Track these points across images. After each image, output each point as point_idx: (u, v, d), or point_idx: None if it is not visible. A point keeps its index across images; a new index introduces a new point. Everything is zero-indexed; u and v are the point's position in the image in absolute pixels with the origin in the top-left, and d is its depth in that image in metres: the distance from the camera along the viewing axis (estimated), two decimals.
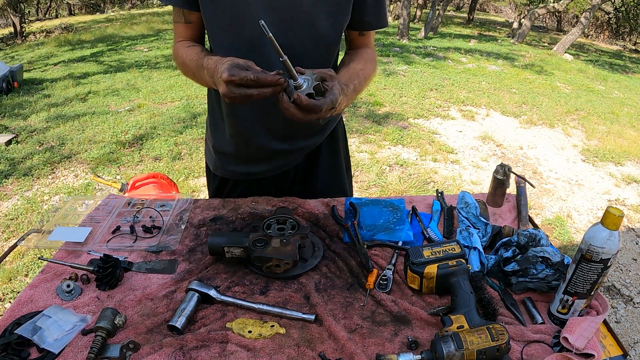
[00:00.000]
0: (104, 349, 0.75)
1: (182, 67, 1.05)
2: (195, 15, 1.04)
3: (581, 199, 3.57)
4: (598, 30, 16.99)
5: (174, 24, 1.10)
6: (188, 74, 1.04)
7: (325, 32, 1.01)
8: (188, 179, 3.53)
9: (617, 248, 0.76)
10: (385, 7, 1.12)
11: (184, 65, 1.02)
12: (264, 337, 0.81)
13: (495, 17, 22.04)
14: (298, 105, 0.78)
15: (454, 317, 0.79)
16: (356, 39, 1.15)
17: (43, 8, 16.95)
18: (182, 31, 1.08)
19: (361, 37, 1.14)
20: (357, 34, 1.13)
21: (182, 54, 1.03)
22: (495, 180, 1.24)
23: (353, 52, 1.14)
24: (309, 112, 0.79)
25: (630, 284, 2.61)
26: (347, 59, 1.11)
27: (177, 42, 1.09)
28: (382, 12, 1.11)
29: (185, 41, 1.08)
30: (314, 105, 0.78)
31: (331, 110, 0.82)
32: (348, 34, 1.15)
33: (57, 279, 0.96)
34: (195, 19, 1.06)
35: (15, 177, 3.50)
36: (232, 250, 0.97)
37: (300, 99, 0.77)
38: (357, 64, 1.06)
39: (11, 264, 2.52)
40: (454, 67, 7.73)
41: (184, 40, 1.08)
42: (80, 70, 6.99)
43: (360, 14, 1.06)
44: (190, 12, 1.04)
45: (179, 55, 1.05)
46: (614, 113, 5.83)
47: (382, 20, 1.12)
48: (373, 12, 1.08)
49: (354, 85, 0.96)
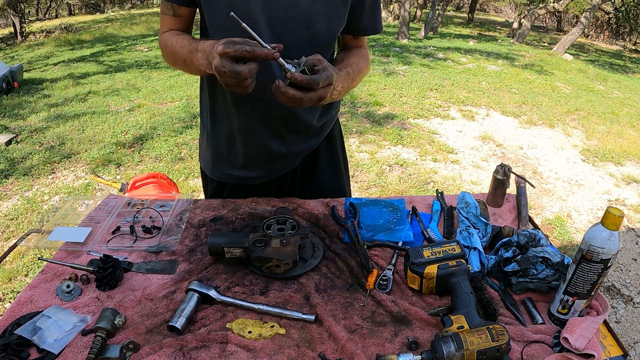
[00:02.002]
0: (103, 349, 0.75)
1: (171, 55, 1.03)
2: (184, 10, 1.05)
3: (581, 199, 3.57)
4: (598, 30, 16.99)
5: (162, 16, 1.09)
6: (177, 62, 1.02)
7: (321, 33, 1.02)
8: (188, 179, 3.53)
9: (617, 248, 0.76)
10: (381, 12, 1.14)
11: (174, 53, 1.01)
12: (264, 338, 0.81)
13: (495, 17, 22.05)
14: (294, 84, 0.78)
15: (454, 318, 0.79)
16: (350, 41, 1.16)
17: (43, 8, 16.95)
18: (170, 23, 1.07)
19: (355, 40, 1.16)
20: (352, 38, 1.15)
21: (172, 41, 1.01)
22: (495, 180, 1.24)
23: (346, 51, 1.16)
24: (307, 89, 0.79)
25: (630, 284, 2.61)
26: (339, 56, 1.13)
27: (164, 32, 1.08)
28: (378, 18, 1.12)
29: (174, 31, 1.07)
30: (310, 79, 0.78)
31: (328, 87, 0.82)
32: (342, 37, 1.16)
33: (57, 279, 0.95)
34: (184, 13, 1.05)
35: (15, 177, 3.50)
36: (232, 250, 0.97)
37: (294, 76, 0.77)
38: (350, 58, 1.08)
39: (11, 264, 2.51)
40: (453, 67, 7.73)
41: (172, 30, 1.07)
42: (80, 70, 6.99)
43: (357, 19, 1.07)
44: (179, 7, 1.04)
45: (168, 43, 1.03)
46: (614, 113, 5.83)
47: (378, 25, 1.13)
48: (369, 17, 1.10)
49: (347, 71, 0.98)
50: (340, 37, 1.16)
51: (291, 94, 0.79)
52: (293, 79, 0.78)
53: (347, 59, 1.07)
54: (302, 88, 0.80)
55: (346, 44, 1.18)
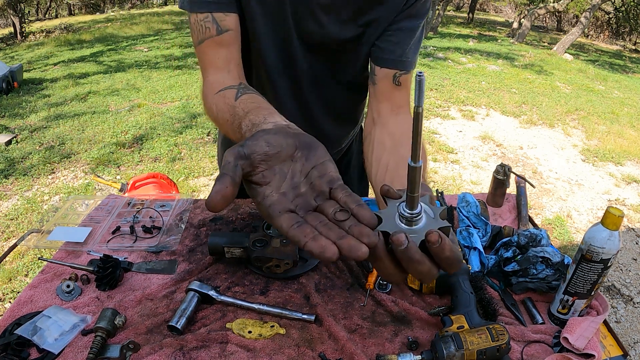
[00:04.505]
0: (103, 349, 0.75)
1: (215, 122, 0.75)
2: (232, 18, 0.78)
3: (581, 198, 3.57)
4: (598, 30, 16.99)
5: (199, 47, 0.78)
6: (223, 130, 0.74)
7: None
8: (188, 179, 3.53)
9: (618, 248, 0.76)
10: (411, 44, 0.87)
11: (217, 122, 0.73)
12: (264, 338, 0.81)
13: (495, 17, 22.04)
14: (440, 256, 0.40)
15: (454, 317, 0.79)
16: (387, 87, 0.87)
17: (43, 8, 16.94)
18: (214, 56, 0.78)
19: (396, 86, 0.87)
20: (391, 83, 0.86)
21: (212, 106, 0.73)
22: (495, 180, 1.24)
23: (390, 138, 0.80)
24: (452, 266, 0.41)
25: (630, 284, 2.61)
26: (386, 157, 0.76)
27: (207, 78, 0.78)
28: (404, 47, 0.85)
29: (217, 78, 0.76)
30: (458, 255, 0.41)
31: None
32: (375, 74, 0.88)
33: (57, 279, 0.95)
34: (232, 24, 0.78)
35: (15, 177, 3.50)
36: (232, 250, 0.97)
37: (443, 247, 0.39)
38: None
39: (11, 264, 2.51)
40: (453, 67, 7.73)
41: (217, 72, 0.78)
42: (80, 70, 6.99)
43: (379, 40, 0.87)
44: (226, 15, 0.77)
45: (210, 108, 0.74)
46: (614, 113, 5.83)
47: (401, 58, 0.86)
48: (389, 41, 0.85)
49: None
50: (372, 76, 0.90)
51: (427, 267, 0.41)
52: (438, 251, 0.39)
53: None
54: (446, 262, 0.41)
55: (380, 93, 0.88)
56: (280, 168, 0.45)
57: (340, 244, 0.39)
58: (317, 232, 0.40)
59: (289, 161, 0.46)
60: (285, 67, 0.92)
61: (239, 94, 0.68)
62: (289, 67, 0.92)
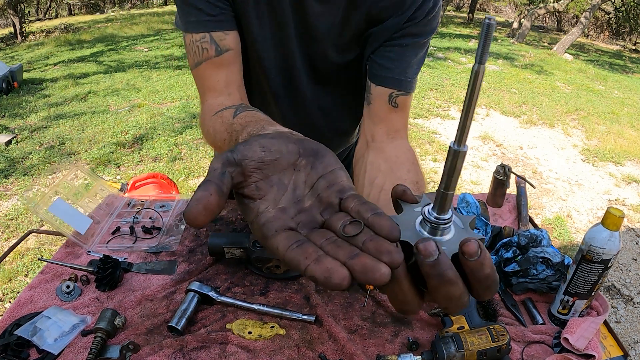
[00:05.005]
0: (103, 350, 0.75)
1: (213, 146, 0.74)
2: (232, 36, 0.73)
3: (581, 199, 3.57)
4: (598, 30, 16.99)
5: (197, 70, 0.74)
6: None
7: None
8: (188, 179, 3.53)
9: (618, 248, 0.76)
10: (412, 63, 0.78)
11: (215, 144, 0.70)
12: (264, 338, 0.81)
13: (495, 17, 22.01)
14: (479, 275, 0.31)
15: (454, 318, 0.79)
16: (382, 108, 0.79)
17: (43, 8, 16.95)
18: (213, 79, 0.73)
19: (393, 108, 0.79)
20: (387, 104, 0.79)
21: (209, 129, 0.69)
22: (495, 180, 1.24)
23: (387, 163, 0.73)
24: (489, 289, 0.32)
25: (630, 284, 2.61)
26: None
27: (206, 102, 0.74)
28: (404, 65, 0.77)
29: (216, 102, 0.71)
30: (497, 276, 0.33)
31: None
32: (370, 92, 0.80)
33: (56, 279, 0.95)
34: (232, 42, 0.73)
35: (15, 176, 3.50)
36: (232, 250, 0.96)
37: (483, 261, 0.30)
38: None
39: (11, 264, 2.51)
40: (453, 67, 7.73)
41: (217, 97, 0.73)
42: (80, 70, 6.99)
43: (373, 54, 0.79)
44: (225, 33, 0.72)
45: (208, 131, 0.70)
46: (614, 113, 5.83)
47: (400, 77, 0.77)
48: (386, 57, 0.77)
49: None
50: (367, 95, 0.82)
51: (460, 291, 0.32)
52: (478, 268, 0.30)
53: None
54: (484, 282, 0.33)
55: (376, 114, 0.80)
56: (279, 178, 0.37)
57: (351, 265, 0.29)
58: (322, 252, 0.31)
59: (291, 170, 0.38)
60: (287, 89, 0.89)
61: (238, 112, 0.61)
62: (290, 88, 0.89)
